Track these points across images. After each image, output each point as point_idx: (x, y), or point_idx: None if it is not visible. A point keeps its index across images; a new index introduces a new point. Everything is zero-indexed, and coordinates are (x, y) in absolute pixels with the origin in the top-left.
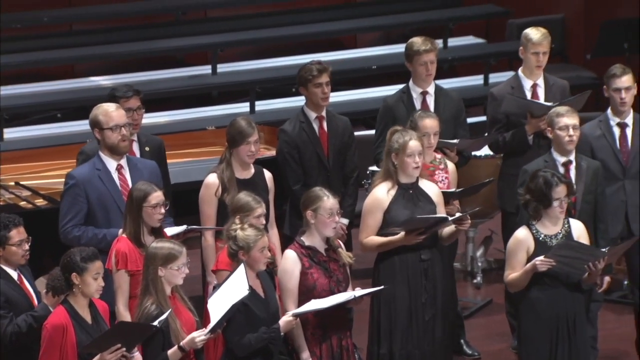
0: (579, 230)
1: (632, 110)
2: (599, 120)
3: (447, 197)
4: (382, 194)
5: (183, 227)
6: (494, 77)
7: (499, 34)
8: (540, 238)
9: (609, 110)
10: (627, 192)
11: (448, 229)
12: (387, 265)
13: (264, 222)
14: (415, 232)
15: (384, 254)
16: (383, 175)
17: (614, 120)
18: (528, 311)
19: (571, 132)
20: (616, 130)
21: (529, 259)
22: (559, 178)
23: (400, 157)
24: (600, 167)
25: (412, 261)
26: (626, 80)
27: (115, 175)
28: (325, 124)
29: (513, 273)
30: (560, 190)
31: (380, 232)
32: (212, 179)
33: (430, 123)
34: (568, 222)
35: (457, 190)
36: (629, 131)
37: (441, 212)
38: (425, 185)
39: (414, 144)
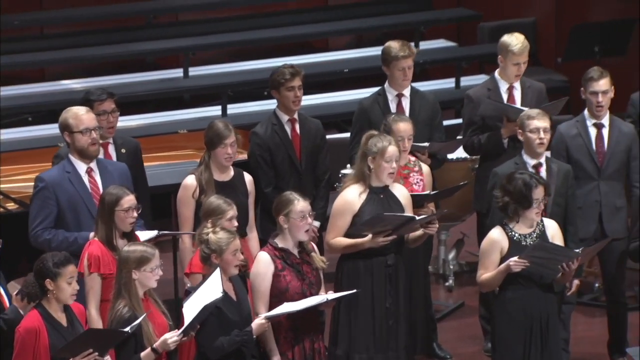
0: (553, 230)
1: (608, 112)
2: (576, 120)
3: (422, 200)
4: (353, 196)
5: (154, 232)
6: (466, 80)
7: (471, 37)
8: (515, 238)
9: (586, 111)
10: (601, 192)
11: (415, 232)
12: (351, 268)
13: (236, 224)
14: (382, 234)
15: (348, 257)
16: (355, 178)
17: (590, 121)
18: (502, 312)
19: (542, 134)
20: (592, 131)
21: (502, 259)
22: (537, 179)
23: (378, 161)
24: (570, 170)
25: (377, 266)
26: (603, 83)
27: (85, 178)
28: (297, 127)
29: (486, 273)
30: (539, 192)
31: (348, 234)
32: (190, 180)
33: (404, 127)
34: (542, 222)
35: (432, 192)
36: (605, 132)
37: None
38: (395, 188)
39: (392, 149)
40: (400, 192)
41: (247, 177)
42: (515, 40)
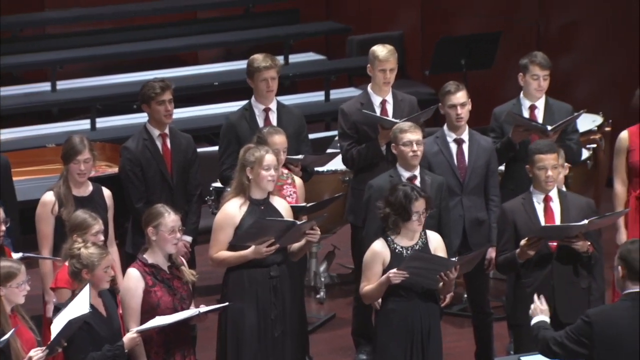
0: (435, 242)
1: (467, 126)
2: (436, 137)
3: (298, 212)
4: (233, 209)
5: (19, 255)
6: (335, 93)
7: (339, 50)
8: (397, 250)
9: (445, 127)
10: (464, 207)
11: (297, 244)
12: (236, 281)
13: (102, 238)
14: (264, 244)
15: (232, 270)
16: (235, 190)
17: (450, 137)
18: (383, 322)
19: (414, 147)
20: (453, 147)
21: (384, 271)
22: (418, 192)
23: (256, 170)
24: (444, 182)
25: (261, 277)
26: (461, 96)
27: None
28: (168, 141)
29: (368, 285)
30: (419, 204)
31: (231, 246)
32: (49, 197)
33: (279, 139)
34: (425, 234)
35: (308, 205)
36: (465, 147)
37: None
38: (276, 201)
39: (270, 157)
40: (281, 204)
41: (106, 192)
42: (381, 48)
